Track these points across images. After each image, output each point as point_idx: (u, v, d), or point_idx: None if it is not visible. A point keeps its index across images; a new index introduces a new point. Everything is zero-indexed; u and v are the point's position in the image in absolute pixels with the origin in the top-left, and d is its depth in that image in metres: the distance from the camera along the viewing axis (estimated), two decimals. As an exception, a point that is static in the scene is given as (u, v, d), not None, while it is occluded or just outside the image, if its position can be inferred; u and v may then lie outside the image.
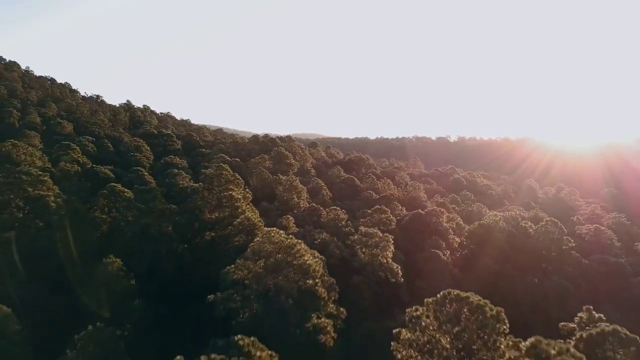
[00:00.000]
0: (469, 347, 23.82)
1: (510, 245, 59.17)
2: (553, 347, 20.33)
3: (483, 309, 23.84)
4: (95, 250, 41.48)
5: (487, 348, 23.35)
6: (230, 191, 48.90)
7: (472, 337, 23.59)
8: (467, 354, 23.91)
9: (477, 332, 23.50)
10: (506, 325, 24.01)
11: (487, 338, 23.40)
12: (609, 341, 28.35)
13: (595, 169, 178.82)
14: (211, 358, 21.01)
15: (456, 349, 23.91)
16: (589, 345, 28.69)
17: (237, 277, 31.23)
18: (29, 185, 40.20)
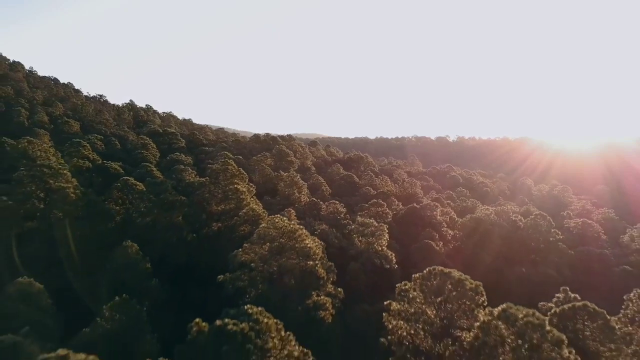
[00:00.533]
0: (451, 315, 27.02)
1: (501, 237, 62.29)
2: (521, 312, 23.52)
3: (463, 283, 27.02)
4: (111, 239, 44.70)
5: (466, 316, 26.56)
6: (236, 185, 52.06)
7: (453, 307, 26.78)
8: (449, 322, 27.11)
9: (457, 302, 26.69)
10: (484, 298, 27.19)
11: (467, 307, 26.60)
12: (579, 315, 31.52)
13: (595, 168, 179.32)
14: (225, 322, 24.20)
15: (439, 317, 27.09)
16: (562, 319, 31.81)
17: (245, 260, 34.40)
18: (50, 177, 43.38)
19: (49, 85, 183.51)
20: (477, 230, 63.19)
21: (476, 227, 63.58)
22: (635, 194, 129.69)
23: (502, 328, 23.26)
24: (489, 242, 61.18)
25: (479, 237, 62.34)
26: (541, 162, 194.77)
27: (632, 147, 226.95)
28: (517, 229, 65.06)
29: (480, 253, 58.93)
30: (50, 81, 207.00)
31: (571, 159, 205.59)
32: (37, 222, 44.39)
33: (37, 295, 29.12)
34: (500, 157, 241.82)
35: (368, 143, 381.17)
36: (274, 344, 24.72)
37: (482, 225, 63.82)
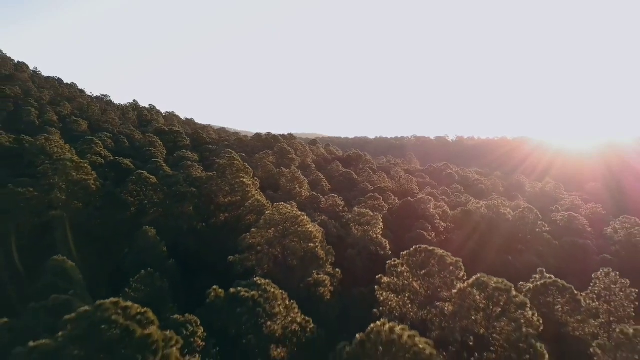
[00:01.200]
0: (434, 287, 30.98)
1: (490, 228, 66.25)
2: (491, 280, 27.46)
3: (444, 258, 31.02)
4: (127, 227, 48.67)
5: (447, 287, 30.51)
6: (242, 178, 56.01)
7: (436, 280, 30.74)
8: (432, 293, 31.06)
9: (439, 275, 30.66)
10: (463, 272, 31.19)
11: (447, 280, 30.55)
12: (550, 290, 35.48)
13: (595, 168, 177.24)
14: (238, 290, 28.19)
15: (424, 288, 31.05)
16: (535, 293, 35.77)
17: (252, 242, 38.36)
18: (73, 170, 47.32)
19: (55, 86, 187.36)
20: (468, 222, 67.19)
21: (467, 219, 67.57)
22: (635, 194, 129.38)
23: (475, 294, 27.21)
24: (479, 233, 65.07)
25: (470, 228, 66.29)
26: (540, 162, 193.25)
27: (632, 146, 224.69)
28: (506, 221, 69.01)
29: (470, 243, 62.76)
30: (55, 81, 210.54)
31: (570, 158, 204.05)
32: (61, 210, 48.33)
33: (71, 270, 33.07)
34: (500, 157, 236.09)
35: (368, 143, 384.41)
36: (280, 310, 28.72)
37: (473, 218, 67.83)
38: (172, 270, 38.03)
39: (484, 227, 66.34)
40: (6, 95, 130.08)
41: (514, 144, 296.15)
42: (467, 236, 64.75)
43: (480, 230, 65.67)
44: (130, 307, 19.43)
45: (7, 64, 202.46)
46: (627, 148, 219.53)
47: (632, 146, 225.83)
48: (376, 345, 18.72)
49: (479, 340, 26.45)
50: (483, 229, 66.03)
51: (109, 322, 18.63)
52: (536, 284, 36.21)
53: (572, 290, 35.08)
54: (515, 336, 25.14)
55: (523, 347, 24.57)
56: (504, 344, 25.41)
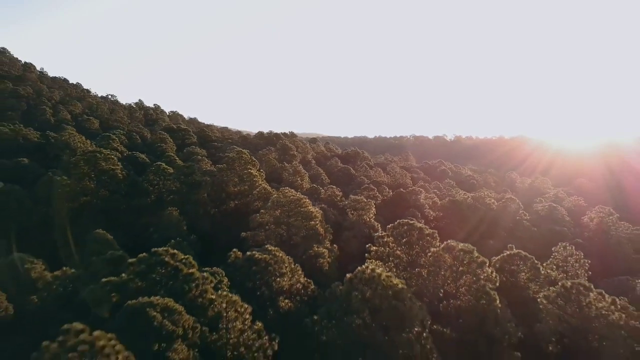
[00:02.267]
0: (414, 253, 37.33)
1: (475, 216, 72.58)
2: (458, 245, 33.81)
3: (422, 230, 37.38)
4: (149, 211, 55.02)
5: (424, 253, 36.84)
6: (249, 170, 62.37)
7: (414, 247, 37.08)
8: (412, 258, 37.40)
9: (417, 243, 37.00)
10: (438, 241, 37.48)
11: (424, 247, 36.88)
12: (515, 259, 41.81)
13: (595, 168, 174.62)
14: (253, 253, 34.54)
15: (405, 254, 37.38)
16: (502, 263, 42.09)
17: (262, 221, 44.73)
18: (102, 160, 53.67)
19: (63, 86, 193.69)
20: (455, 211, 73.57)
21: (454, 208, 73.97)
22: (634, 193, 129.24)
23: (445, 256, 33.60)
24: (465, 221, 71.42)
25: (456, 217, 72.68)
26: (540, 161, 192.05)
27: (631, 146, 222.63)
28: (490, 210, 75.35)
29: (457, 230, 69.06)
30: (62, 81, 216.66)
31: (570, 157, 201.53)
32: (90, 197, 54.68)
33: (110, 242, 39.42)
34: (500, 157, 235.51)
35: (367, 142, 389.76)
36: (286, 271, 35.11)
37: (460, 207, 74.21)
38: (194, 244, 44.33)
39: (470, 215, 72.71)
40: (20, 95, 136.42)
41: (513, 144, 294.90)
42: (453, 223, 71.08)
43: (466, 218, 72.02)
44: (177, 253, 25.84)
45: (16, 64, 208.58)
46: (627, 148, 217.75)
47: (632, 146, 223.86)
48: (361, 280, 25.10)
49: (447, 292, 32.84)
50: (468, 217, 72.39)
51: (162, 263, 25.04)
52: (503, 255, 42.60)
53: (533, 260, 41.44)
54: (475, 287, 31.52)
55: (481, 294, 30.95)
56: (466, 293, 31.79)
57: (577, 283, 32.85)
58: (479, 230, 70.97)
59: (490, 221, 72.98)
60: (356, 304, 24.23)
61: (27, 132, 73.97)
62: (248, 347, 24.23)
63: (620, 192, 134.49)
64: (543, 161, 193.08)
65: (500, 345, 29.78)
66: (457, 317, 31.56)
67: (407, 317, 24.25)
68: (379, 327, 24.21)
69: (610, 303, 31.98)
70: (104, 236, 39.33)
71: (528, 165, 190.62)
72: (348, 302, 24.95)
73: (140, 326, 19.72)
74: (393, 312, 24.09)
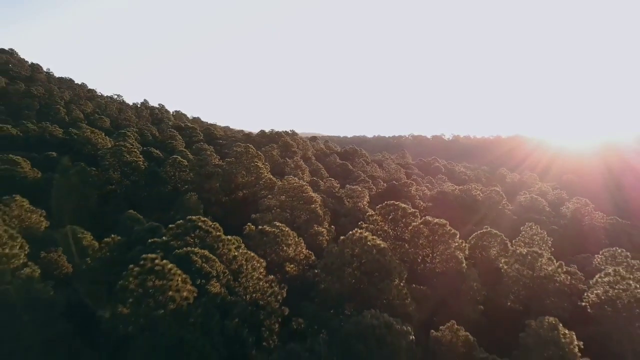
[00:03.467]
0: (399, 229, 44.20)
1: (461, 206, 79.50)
2: (434, 219, 40.68)
3: (405, 209, 44.27)
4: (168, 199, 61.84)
5: (407, 228, 43.71)
6: (256, 162, 69.22)
7: (399, 223, 43.95)
8: (397, 233, 44.25)
9: (402, 219, 43.87)
10: (418, 218, 44.33)
11: (407, 223, 43.75)
12: (486, 236, 48.67)
13: (594, 167, 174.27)
14: (264, 227, 41.37)
15: (391, 229, 44.25)
16: (476, 239, 48.97)
17: (269, 204, 51.60)
18: (127, 153, 60.51)
19: (71, 86, 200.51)
20: (443, 202, 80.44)
21: (442, 198, 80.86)
22: (634, 192, 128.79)
23: (423, 228, 40.47)
24: (451, 210, 78.19)
25: (444, 207, 79.46)
26: (538, 161, 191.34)
27: (630, 145, 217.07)
28: (475, 201, 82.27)
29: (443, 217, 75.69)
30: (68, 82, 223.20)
31: (571, 157, 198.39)
32: (115, 186, 61.50)
33: (141, 220, 46.25)
34: (499, 157, 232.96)
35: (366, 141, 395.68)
36: (292, 243, 41.95)
37: (447, 197, 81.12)
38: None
39: (456, 206, 79.61)
40: (33, 95, 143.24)
41: (512, 143, 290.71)
42: (441, 212, 77.69)
43: (453, 208, 78.86)
44: (207, 220, 32.73)
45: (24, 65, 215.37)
46: (626, 147, 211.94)
47: (632, 145, 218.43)
48: (351, 241, 31.99)
49: (424, 257, 39.74)
50: (455, 207, 79.27)
51: (195, 227, 31.93)
52: (477, 232, 49.54)
53: (502, 237, 48.37)
54: (447, 253, 38.43)
55: (451, 258, 37.85)
56: (439, 258, 38.71)
57: (532, 250, 39.79)
58: (464, 218, 77.80)
59: (474, 210, 79.84)
60: (347, 258, 31.12)
61: (52, 129, 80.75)
62: (263, 293, 31.07)
63: (619, 191, 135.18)
64: (542, 160, 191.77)
65: (466, 299, 36.67)
66: (432, 277, 38.47)
67: (388, 269, 31.14)
68: (365, 276, 31.09)
69: (557, 267, 38.91)
70: (135, 215, 46.21)
71: (528, 165, 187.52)
72: (341, 257, 31.84)
73: (185, 268, 26.53)
74: (376, 264, 30.97)
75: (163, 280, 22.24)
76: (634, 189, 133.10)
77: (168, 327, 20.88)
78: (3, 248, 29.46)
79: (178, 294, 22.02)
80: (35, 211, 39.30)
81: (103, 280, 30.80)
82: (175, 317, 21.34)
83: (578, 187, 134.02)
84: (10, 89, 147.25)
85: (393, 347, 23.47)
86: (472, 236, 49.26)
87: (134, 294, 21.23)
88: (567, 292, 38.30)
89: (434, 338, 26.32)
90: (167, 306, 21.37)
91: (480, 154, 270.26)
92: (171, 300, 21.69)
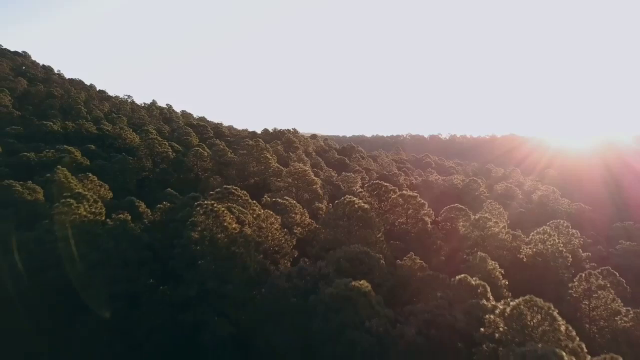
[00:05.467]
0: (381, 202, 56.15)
1: (442, 193, 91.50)
2: (409, 192, 52.69)
3: (387, 187, 56.25)
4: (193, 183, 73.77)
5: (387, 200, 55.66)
6: (265, 154, 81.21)
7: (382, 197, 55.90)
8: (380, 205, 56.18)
9: (384, 195, 55.80)
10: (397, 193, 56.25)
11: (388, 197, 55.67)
12: (453, 210, 60.51)
13: (593, 167, 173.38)
14: (277, 199, 53.36)
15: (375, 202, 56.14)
16: (446, 214, 60.81)
17: (279, 185, 63.60)
18: (158, 144, 72.45)
19: (85, 87, 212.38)
20: (427, 189, 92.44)
21: (426, 187, 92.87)
22: (633, 191, 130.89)
23: (399, 200, 52.42)
24: (434, 196, 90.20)
25: (428, 193, 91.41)
26: (540, 162, 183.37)
27: (630, 145, 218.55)
28: (455, 188, 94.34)
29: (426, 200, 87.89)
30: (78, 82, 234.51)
31: (569, 157, 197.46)
32: (149, 172, 73.42)
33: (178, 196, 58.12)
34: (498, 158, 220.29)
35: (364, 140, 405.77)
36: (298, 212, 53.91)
37: (431, 186, 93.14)
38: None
39: (438, 192, 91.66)
40: (54, 95, 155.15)
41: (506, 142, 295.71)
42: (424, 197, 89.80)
43: (435, 193, 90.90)
44: (237, 189, 44.68)
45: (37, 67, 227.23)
46: (626, 147, 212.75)
47: (631, 145, 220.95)
48: (342, 204, 43.96)
49: (400, 221, 51.71)
50: (437, 193, 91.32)
51: (230, 193, 43.89)
52: (446, 208, 61.54)
53: (466, 210, 60.33)
54: (416, 217, 50.40)
55: (419, 221, 49.82)
56: (410, 221, 50.68)
57: (483, 216, 51.79)
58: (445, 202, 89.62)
59: (454, 196, 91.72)
60: (340, 215, 43.08)
61: (88, 125, 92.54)
62: (279, 240, 43.05)
63: (618, 190, 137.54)
64: (542, 160, 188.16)
65: (430, 250, 48.63)
66: (405, 235, 50.45)
67: (369, 223, 43.13)
68: (354, 227, 43.08)
69: (501, 228, 50.92)
70: (172, 192, 58.17)
71: (527, 166, 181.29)
72: (335, 214, 43.81)
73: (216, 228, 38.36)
74: (361, 219, 42.97)
75: (217, 217, 34.18)
76: (633, 189, 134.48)
77: (225, 246, 32.76)
78: (92, 206, 41.45)
79: (229, 225, 33.91)
80: (103, 185, 51.21)
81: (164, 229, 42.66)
82: (228, 239, 33.24)
83: (576, 186, 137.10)
84: (32, 90, 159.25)
85: (370, 265, 35.47)
86: (443, 210, 61.25)
87: (201, 225, 33.12)
88: (507, 246, 50.32)
89: (398, 264, 38.27)
90: (223, 232, 33.27)
91: (478, 154, 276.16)
92: (225, 229, 33.57)
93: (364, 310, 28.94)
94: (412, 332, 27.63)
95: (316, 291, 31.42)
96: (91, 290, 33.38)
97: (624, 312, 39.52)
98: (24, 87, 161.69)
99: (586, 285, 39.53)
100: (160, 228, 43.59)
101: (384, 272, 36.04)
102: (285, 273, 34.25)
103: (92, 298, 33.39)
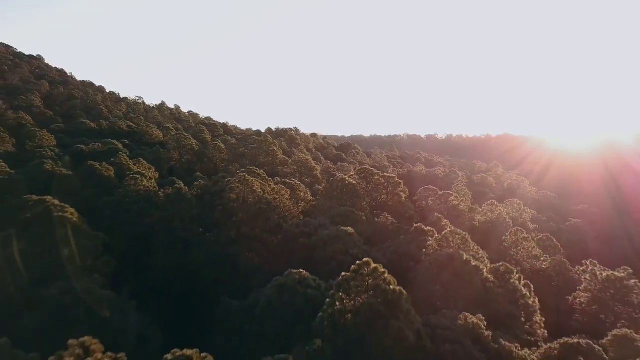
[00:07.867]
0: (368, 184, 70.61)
1: (424, 182, 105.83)
2: (390, 174, 67.16)
3: (373, 171, 70.78)
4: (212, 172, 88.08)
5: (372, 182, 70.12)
6: (272, 147, 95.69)
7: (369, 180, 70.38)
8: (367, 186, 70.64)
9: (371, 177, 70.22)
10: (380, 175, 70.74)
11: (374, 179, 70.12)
12: (428, 192, 74.89)
13: (592, 167, 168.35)
14: (285, 180, 67.82)
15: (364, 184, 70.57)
16: (421, 193, 75.23)
17: (287, 171, 78.05)
18: (184, 139, 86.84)
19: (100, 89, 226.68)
20: (411, 180, 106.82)
21: (410, 177, 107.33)
22: (632, 191, 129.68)
23: (382, 180, 66.82)
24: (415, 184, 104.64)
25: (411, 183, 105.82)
26: (539, 162, 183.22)
27: (630, 145, 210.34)
28: (437, 178, 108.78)
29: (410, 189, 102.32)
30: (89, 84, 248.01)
31: (568, 156, 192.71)
32: (176, 162, 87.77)
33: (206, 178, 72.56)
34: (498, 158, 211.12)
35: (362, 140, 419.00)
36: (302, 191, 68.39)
37: (414, 175, 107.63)
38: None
39: (420, 181, 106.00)
40: (75, 97, 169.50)
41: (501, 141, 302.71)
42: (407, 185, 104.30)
43: (417, 182, 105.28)
44: (256, 169, 59.15)
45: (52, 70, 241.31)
46: (626, 147, 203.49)
47: (631, 145, 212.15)
48: (336, 181, 58.42)
49: (382, 198, 66.09)
50: (419, 181, 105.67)
51: (251, 173, 58.36)
52: (420, 189, 75.88)
53: (437, 190, 74.75)
54: (393, 193, 64.80)
55: (396, 196, 64.23)
56: (389, 197, 65.09)
57: (445, 192, 66.17)
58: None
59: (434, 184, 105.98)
60: (334, 189, 57.47)
61: (121, 123, 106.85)
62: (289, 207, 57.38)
63: (618, 190, 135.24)
64: (541, 159, 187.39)
65: (405, 216, 63.00)
66: (386, 209, 64.82)
67: (356, 194, 57.57)
68: (344, 198, 57.44)
69: (459, 202, 65.27)
70: (201, 176, 72.51)
71: (526, 166, 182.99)
72: (331, 189, 58.20)
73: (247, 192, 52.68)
74: (350, 192, 57.39)
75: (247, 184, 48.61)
76: (633, 188, 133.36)
77: (253, 204, 47.19)
78: (149, 182, 55.76)
79: (257, 189, 48.30)
80: (151, 168, 65.65)
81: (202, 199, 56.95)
82: (256, 199, 47.67)
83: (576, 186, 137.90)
84: (55, 92, 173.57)
85: (354, 220, 49.91)
86: (418, 191, 75.74)
87: (236, 189, 47.49)
88: (465, 216, 64.72)
89: (375, 221, 52.64)
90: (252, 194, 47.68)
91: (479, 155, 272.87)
92: (253, 192, 47.95)
93: (349, 244, 43.36)
94: (380, 256, 42.05)
95: (317, 234, 45.78)
96: (158, 238, 47.70)
97: (543, 258, 54.04)
98: (47, 89, 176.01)
99: (514, 237, 53.99)
100: (199, 198, 57.85)
101: (365, 225, 50.48)
102: (295, 223, 48.62)
103: (159, 245, 47.66)
